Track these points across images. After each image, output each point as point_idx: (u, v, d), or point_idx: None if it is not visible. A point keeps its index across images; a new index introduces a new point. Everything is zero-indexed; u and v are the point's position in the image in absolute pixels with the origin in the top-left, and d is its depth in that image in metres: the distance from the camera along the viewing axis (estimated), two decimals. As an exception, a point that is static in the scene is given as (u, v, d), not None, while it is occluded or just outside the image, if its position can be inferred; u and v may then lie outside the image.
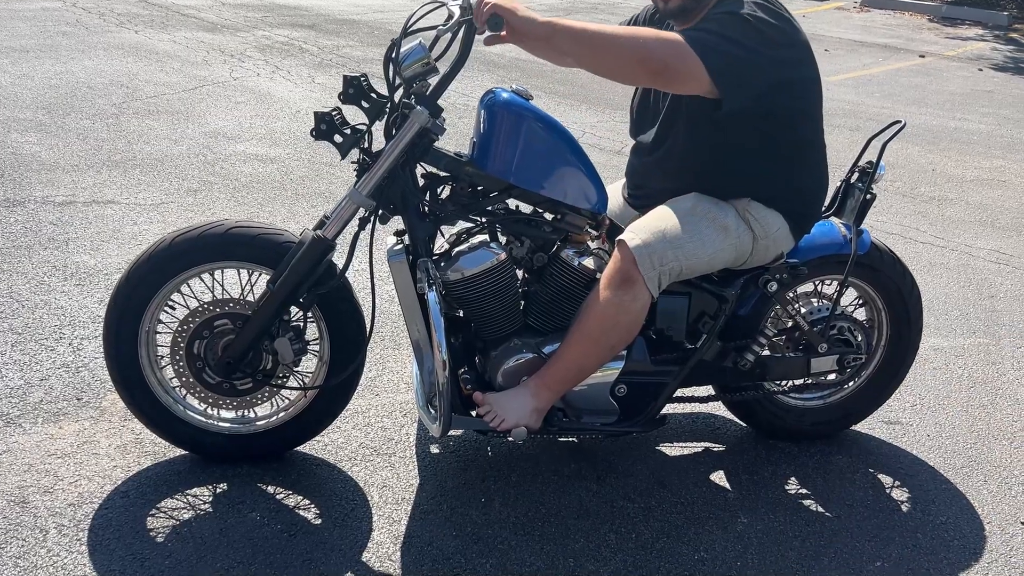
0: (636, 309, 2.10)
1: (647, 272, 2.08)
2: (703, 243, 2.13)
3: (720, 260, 2.20)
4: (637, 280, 2.08)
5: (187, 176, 4.44)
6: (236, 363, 2.14)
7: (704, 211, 2.18)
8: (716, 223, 2.17)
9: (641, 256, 2.08)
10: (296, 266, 2.07)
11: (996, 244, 4.52)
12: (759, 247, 2.22)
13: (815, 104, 2.22)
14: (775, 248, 2.25)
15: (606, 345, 2.13)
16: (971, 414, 2.91)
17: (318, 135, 2.06)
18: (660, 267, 2.09)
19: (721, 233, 2.16)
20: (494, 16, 1.92)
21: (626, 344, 2.17)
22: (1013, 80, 9.03)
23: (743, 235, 2.20)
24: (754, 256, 2.24)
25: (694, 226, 2.14)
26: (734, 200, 2.22)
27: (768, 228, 2.21)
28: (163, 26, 8.02)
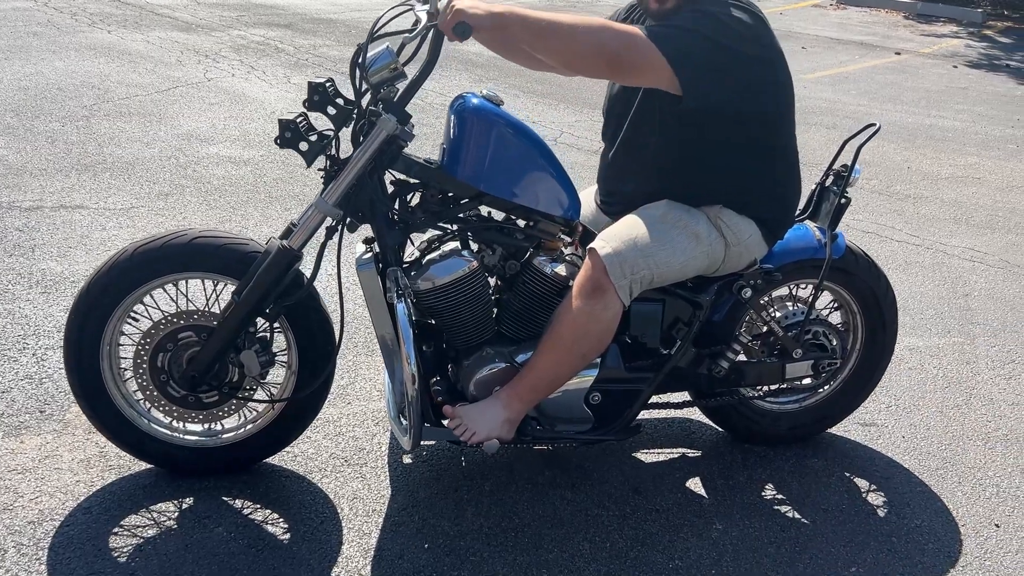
0: (607, 318, 2.08)
1: (618, 281, 2.06)
2: (674, 251, 2.11)
3: (692, 268, 2.18)
4: (608, 289, 2.06)
5: (158, 180, 4.37)
6: (201, 376, 2.10)
7: (675, 218, 2.16)
8: (687, 230, 2.15)
9: (612, 265, 2.06)
10: (262, 277, 2.03)
11: (970, 242, 4.54)
12: (731, 254, 2.21)
13: (786, 109, 2.20)
14: (748, 255, 2.24)
15: (578, 354, 2.11)
16: (946, 415, 2.91)
17: (283, 143, 2.02)
18: (631, 276, 2.07)
19: (693, 241, 2.14)
20: (460, 25, 1.88)
21: (598, 353, 2.15)
22: (987, 77, 9.10)
23: (715, 242, 2.18)
24: (727, 263, 2.22)
25: (665, 234, 2.12)
26: (706, 207, 2.20)
27: (740, 235, 2.20)
28: (137, 26, 7.91)
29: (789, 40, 10.04)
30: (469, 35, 1.89)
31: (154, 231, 3.76)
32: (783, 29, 10.71)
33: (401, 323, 1.99)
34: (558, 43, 1.95)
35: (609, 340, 2.13)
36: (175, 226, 3.83)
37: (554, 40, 1.94)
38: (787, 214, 2.29)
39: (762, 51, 2.06)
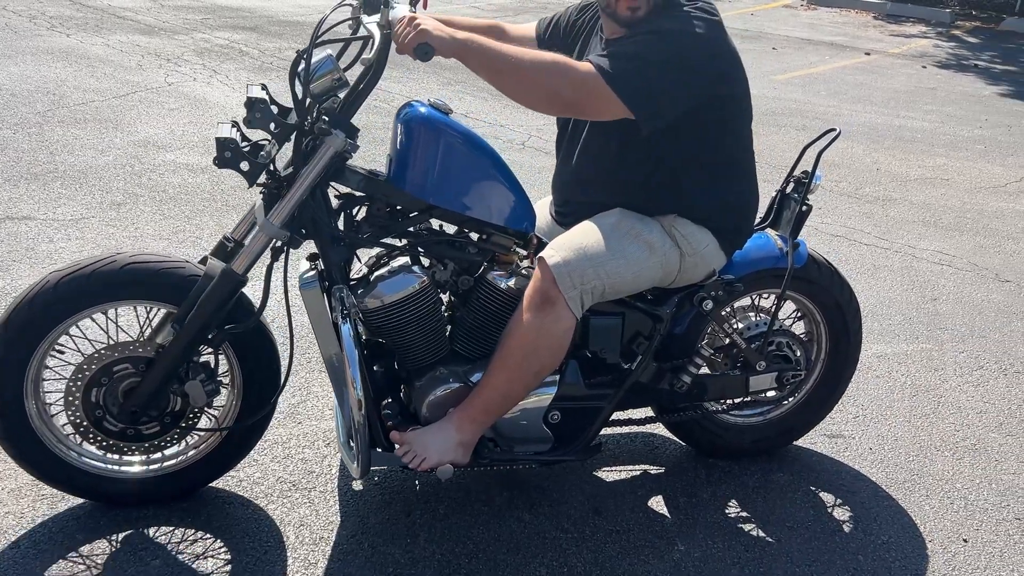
0: (559, 331, 2.00)
1: (567, 291, 1.99)
2: (627, 261, 2.04)
3: (647, 279, 2.11)
4: (557, 300, 1.98)
5: (111, 188, 4.24)
6: (142, 410, 1.99)
7: (628, 227, 2.09)
8: (640, 239, 2.08)
9: (561, 274, 1.98)
10: (205, 304, 1.93)
11: (939, 244, 4.52)
12: (687, 264, 2.14)
13: (743, 120, 2.14)
14: (705, 265, 2.17)
15: (530, 371, 2.03)
16: (914, 424, 2.86)
17: (222, 163, 1.91)
18: (581, 286, 2.00)
19: (645, 250, 2.08)
20: (423, 46, 1.80)
21: (552, 368, 2.07)
22: (955, 77, 9.15)
23: (669, 252, 2.11)
24: (683, 274, 2.16)
25: (617, 243, 2.05)
26: (660, 216, 2.14)
27: (696, 245, 2.13)
28: (97, 29, 7.74)
29: (760, 41, 10.05)
30: (431, 57, 1.81)
31: (104, 243, 3.64)
32: (754, 30, 10.72)
33: (346, 345, 1.90)
34: (514, 83, 1.90)
35: (562, 355, 2.05)
36: (126, 237, 3.71)
37: (510, 80, 1.90)
38: (745, 223, 2.23)
39: (720, 66, 2.00)
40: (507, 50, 1.90)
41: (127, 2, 9.09)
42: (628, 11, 2.01)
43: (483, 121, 5.92)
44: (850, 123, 6.83)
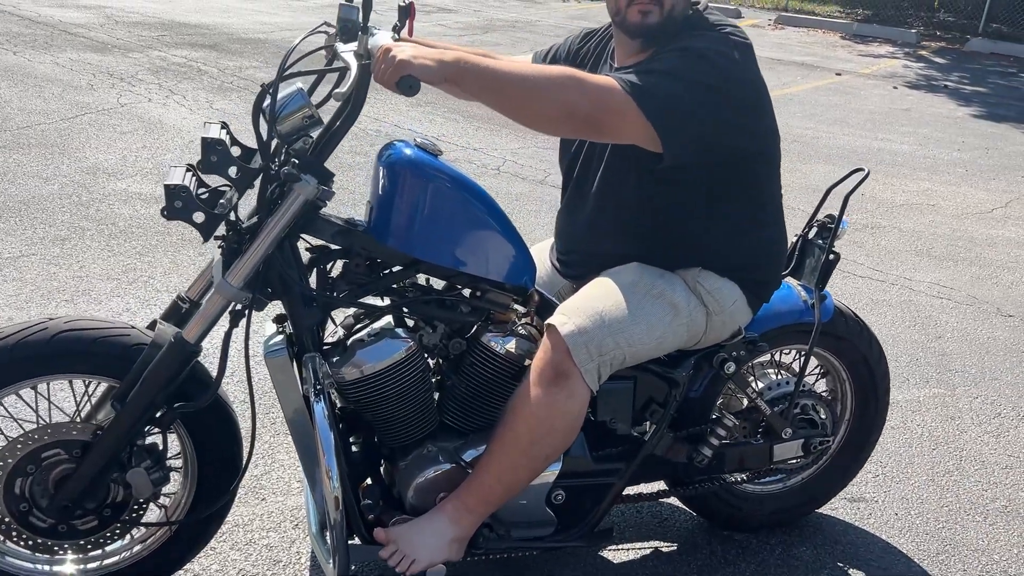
0: (573, 409, 1.74)
1: (584, 364, 1.72)
2: (649, 326, 1.79)
3: (670, 343, 1.86)
4: (572, 374, 1.72)
5: (55, 221, 3.89)
6: (76, 504, 1.68)
7: (648, 286, 1.83)
8: (663, 300, 1.82)
9: (576, 345, 1.72)
10: (151, 379, 1.63)
11: (935, 276, 4.35)
12: (714, 324, 1.89)
13: (772, 156, 1.90)
14: (732, 323, 1.92)
15: (539, 455, 1.76)
16: (938, 483, 2.64)
17: (171, 214, 1.61)
18: (599, 357, 1.74)
19: (670, 312, 1.82)
20: (406, 79, 1.51)
21: (562, 451, 1.80)
22: (927, 98, 9.11)
23: (695, 312, 1.86)
24: (709, 335, 1.91)
25: (638, 305, 1.79)
26: (682, 270, 1.88)
27: (723, 302, 1.88)
28: (46, 47, 7.35)
29: (731, 61, 9.95)
30: (417, 90, 1.52)
31: (44, 285, 3.29)
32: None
33: (320, 429, 1.61)
34: (519, 101, 1.61)
35: (575, 436, 1.78)
36: (69, 278, 3.36)
37: (516, 97, 1.61)
38: (774, 274, 1.99)
39: (750, 93, 1.76)
40: (507, 65, 1.64)
41: (79, 18, 8.70)
42: (639, 16, 1.78)
43: (455, 144, 5.66)
44: (829, 146, 6.70)
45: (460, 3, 12.33)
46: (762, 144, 1.84)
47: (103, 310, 3.16)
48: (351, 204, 4.38)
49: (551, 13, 12.46)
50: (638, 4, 1.77)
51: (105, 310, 3.17)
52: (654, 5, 1.77)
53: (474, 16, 11.29)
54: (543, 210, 4.63)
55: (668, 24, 1.79)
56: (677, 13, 1.79)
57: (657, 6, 1.77)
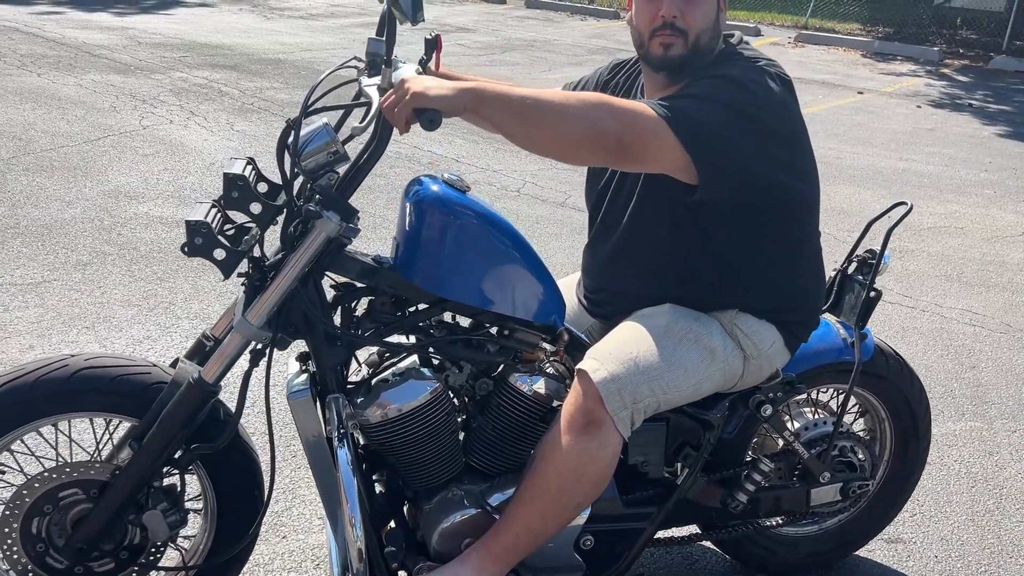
0: (605, 457, 1.67)
1: (617, 412, 1.66)
2: (686, 372, 1.72)
3: (707, 388, 1.79)
4: (605, 422, 1.66)
5: (77, 246, 3.89)
6: (92, 546, 1.64)
7: (684, 330, 1.77)
8: (700, 345, 1.76)
9: (609, 393, 1.65)
10: (169, 419, 1.59)
11: (967, 303, 4.25)
12: (751, 368, 1.83)
13: (812, 192, 1.84)
14: (769, 367, 1.86)
15: (569, 504, 1.69)
16: (977, 523, 2.55)
17: (191, 251, 1.58)
18: (633, 405, 1.67)
19: (707, 357, 1.76)
20: (425, 112, 1.44)
21: (594, 499, 1.74)
22: (952, 117, 9.00)
23: (732, 356, 1.79)
24: (746, 378, 1.84)
25: (673, 350, 1.73)
26: (718, 312, 1.82)
27: (761, 345, 1.82)
28: (70, 68, 7.42)
29: (752, 80, 9.89)
30: (438, 124, 1.45)
31: (65, 311, 3.27)
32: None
33: (343, 475, 1.56)
34: (547, 128, 1.53)
35: (606, 483, 1.72)
36: (90, 304, 3.34)
37: (542, 125, 1.52)
38: (812, 315, 1.92)
39: (788, 124, 1.70)
40: (531, 91, 1.56)
41: (103, 39, 8.79)
42: (661, 48, 1.72)
43: (475, 166, 5.63)
44: (854, 166, 6.61)
45: (479, 23, 12.37)
46: (799, 181, 1.77)
47: (123, 337, 3.14)
48: (371, 227, 4.35)
49: (569, 32, 12.45)
50: (660, 36, 1.71)
51: (125, 337, 3.14)
52: (677, 37, 1.70)
53: (493, 36, 11.31)
54: (564, 233, 4.58)
55: (693, 57, 1.72)
56: (704, 45, 1.72)
57: (681, 38, 1.70)
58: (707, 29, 1.72)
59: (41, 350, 3.01)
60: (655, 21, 1.70)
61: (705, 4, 1.71)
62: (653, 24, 1.71)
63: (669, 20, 1.69)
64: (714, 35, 1.75)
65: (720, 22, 1.76)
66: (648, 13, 1.72)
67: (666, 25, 1.69)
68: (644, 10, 1.73)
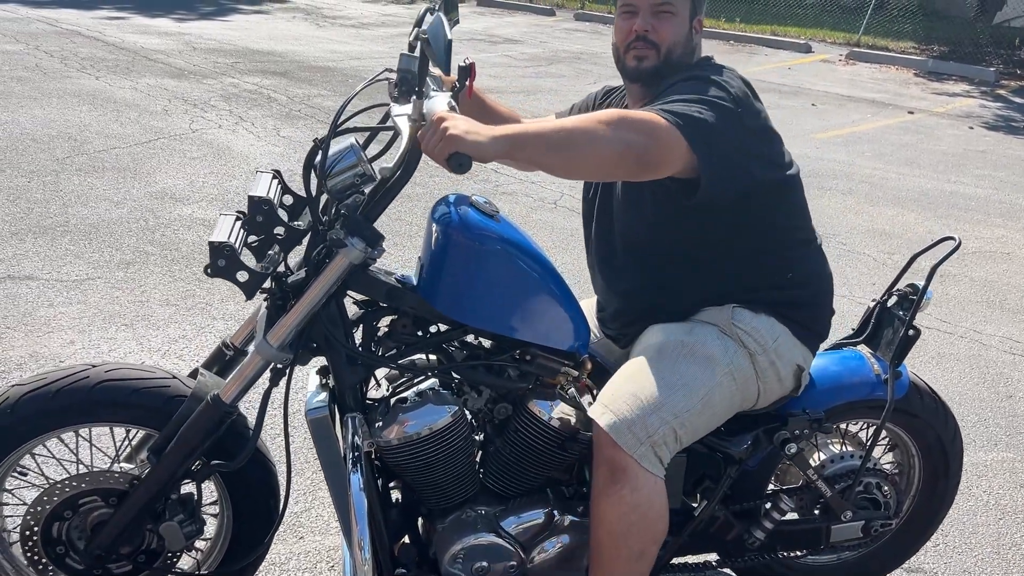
0: (642, 500, 1.67)
1: (634, 450, 1.66)
2: (688, 389, 1.72)
3: (721, 401, 1.77)
4: (628, 465, 1.66)
5: (122, 245, 4.00)
6: (109, 553, 1.69)
7: (676, 348, 1.77)
8: (696, 356, 1.75)
9: (620, 434, 1.67)
10: (186, 435, 1.63)
11: (1007, 330, 4.15)
12: (763, 366, 1.80)
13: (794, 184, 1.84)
14: (786, 363, 1.83)
15: (631, 556, 1.69)
16: (1004, 556, 2.49)
17: (214, 272, 1.61)
18: (649, 439, 1.67)
19: (706, 367, 1.75)
20: (456, 156, 1.45)
21: (658, 541, 1.73)
22: (1005, 140, 8.78)
23: (736, 358, 1.78)
24: (765, 382, 1.81)
25: (669, 371, 1.73)
26: (714, 312, 1.83)
27: (764, 339, 1.80)
28: (127, 72, 7.63)
29: (799, 97, 9.77)
30: (468, 168, 1.46)
31: (107, 309, 3.37)
32: (792, 84, 10.45)
33: (355, 498, 1.57)
34: (582, 154, 1.56)
35: (661, 523, 1.71)
36: (131, 303, 3.44)
37: (576, 151, 1.55)
38: (817, 302, 1.90)
39: (761, 120, 1.76)
40: (555, 123, 1.61)
41: (160, 44, 9.02)
42: (635, 61, 1.81)
43: (512, 178, 5.65)
44: (899, 187, 6.49)
45: (526, 34, 12.42)
46: (778, 171, 1.79)
47: (160, 336, 3.22)
48: (407, 235, 4.40)
49: (617, 43, 12.45)
50: (634, 49, 1.81)
51: (162, 336, 3.23)
52: (649, 49, 1.80)
53: (540, 47, 11.35)
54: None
55: (666, 69, 1.81)
56: (676, 58, 1.82)
57: (653, 50, 1.80)
58: (679, 44, 1.80)
59: (81, 345, 3.10)
60: (629, 36, 1.81)
61: (676, 20, 1.81)
62: (628, 39, 1.81)
63: (642, 33, 1.79)
64: (686, 50, 1.84)
65: (694, 40, 1.85)
66: (624, 29, 1.83)
67: (639, 38, 1.79)
68: (621, 26, 1.84)
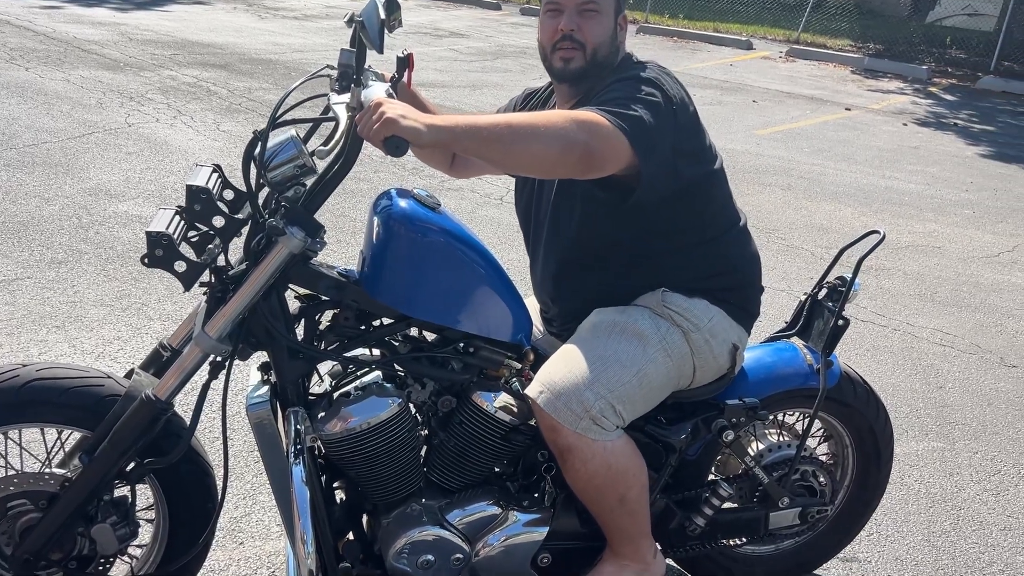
0: (600, 466, 1.73)
1: (576, 424, 1.70)
2: (621, 364, 1.75)
3: (658, 378, 1.81)
4: (571, 441, 1.71)
5: (53, 244, 3.88)
6: (38, 558, 1.64)
7: (608, 326, 1.81)
8: (626, 333, 1.79)
9: (558, 412, 1.70)
10: (119, 434, 1.59)
11: (938, 322, 4.30)
12: (698, 343, 1.84)
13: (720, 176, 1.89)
14: (721, 341, 1.87)
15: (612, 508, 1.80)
16: (934, 544, 2.58)
17: (152, 262, 1.59)
18: (588, 413, 1.71)
19: (637, 343, 1.78)
20: (393, 139, 1.45)
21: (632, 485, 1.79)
22: (936, 136, 9.07)
23: (669, 335, 1.82)
24: (700, 359, 1.86)
25: (603, 349, 1.77)
26: (647, 296, 1.87)
27: (697, 318, 1.85)
28: (59, 63, 7.39)
29: (740, 93, 9.95)
30: (405, 151, 1.47)
31: (37, 310, 3.27)
32: (734, 81, 10.63)
33: (297, 492, 1.56)
34: (521, 149, 1.55)
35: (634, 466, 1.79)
36: (62, 303, 3.34)
37: (515, 146, 1.55)
38: (747, 282, 1.95)
39: (692, 116, 1.79)
40: (498, 118, 1.60)
41: (94, 35, 8.76)
42: (562, 62, 1.82)
43: (461, 173, 5.64)
44: (836, 183, 6.66)
45: (472, 28, 12.39)
46: (706, 165, 1.84)
47: (93, 338, 3.14)
48: (352, 232, 4.36)
49: (562, 39, 12.51)
50: (560, 49, 1.82)
51: (95, 338, 3.14)
52: (576, 49, 1.81)
53: (486, 42, 11.34)
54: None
55: (592, 68, 1.82)
56: (602, 58, 1.83)
57: (580, 50, 1.81)
58: (604, 43, 1.82)
59: (10, 348, 3.00)
60: (556, 35, 1.82)
61: (602, 19, 1.82)
62: (554, 38, 1.82)
63: (567, 33, 1.80)
64: (612, 49, 1.85)
65: (619, 39, 1.87)
66: (550, 28, 1.84)
67: (565, 38, 1.80)
68: (546, 26, 1.85)
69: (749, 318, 1.96)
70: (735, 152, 7.01)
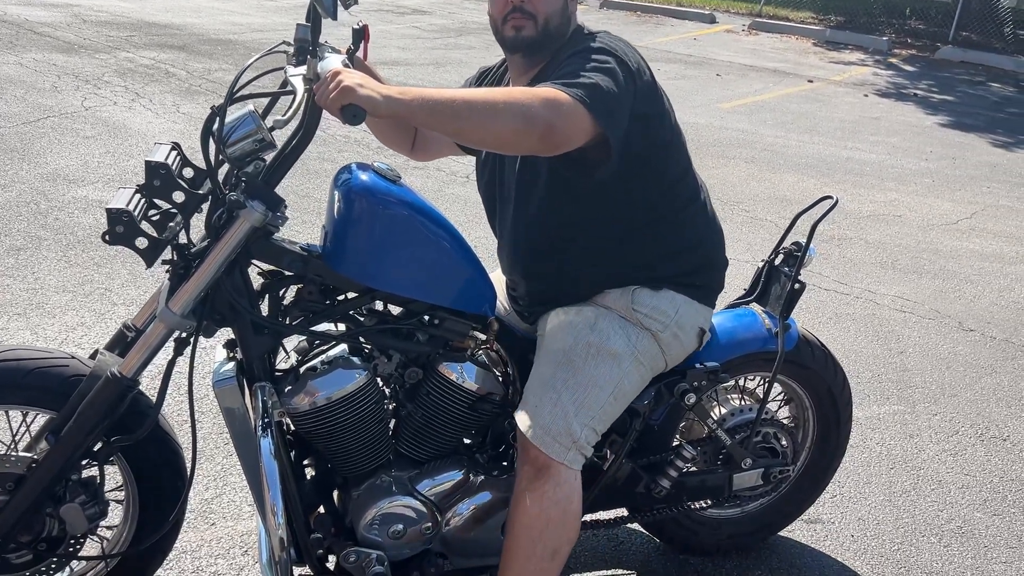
0: (564, 495, 1.75)
1: (562, 456, 1.75)
2: (599, 388, 1.80)
3: (632, 386, 1.86)
4: (552, 465, 1.74)
5: (11, 230, 3.81)
6: (7, 539, 1.63)
7: (583, 349, 1.82)
8: (601, 355, 1.82)
9: (548, 445, 1.74)
10: (86, 413, 1.59)
11: (899, 289, 4.38)
12: (667, 340, 1.88)
13: (682, 148, 1.89)
14: (689, 330, 1.91)
15: (545, 553, 1.75)
16: (895, 504, 2.65)
17: (113, 239, 1.58)
18: (575, 444, 1.77)
19: (612, 364, 1.82)
20: (350, 107, 1.45)
21: (570, 543, 1.79)
22: (897, 106, 9.20)
23: (640, 343, 1.85)
24: (670, 351, 1.90)
25: (582, 375, 1.79)
26: (615, 297, 1.88)
27: (665, 316, 1.87)
28: (11, 46, 7.21)
29: (704, 67, 9.99)
30: (362, 120, 1.48)
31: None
32: (698, 55, 10.67)
33: (266, 465, 1.57)
34: (479, 124, 1.55)
35: (575, 520, 1.78)
36: (23, 290, 3.29)
37: (473, 121, 1.55)
38: (710, 256, 1.97)
39: (652, 86, 1.78)
40: (456, 92, 1.60)
41: (46, 16, 8.55)
42: (513, 31, 1.81)
43: (426, 152, 5.62)
44: (799, 155, 6.73)
45: (435, 5, 12.28)
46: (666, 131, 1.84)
47: (56, 324, 3.10)
48: (317, 213, 4.34)
49: (526, 16, 12.44)
50: (511, 20, 1.80)
51: (59, 324, 3.10)
52: (527, 20, 1.80)
53: (448, 19, 11.25)
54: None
55: (545, 39, 1.81)
56: (553, 28, 1.81)
57: (530, 20, 1.80)
58: (555, 13, 1.80)
59: (-28, 336, 2.96)
60: (506, 7, 1.80)
61: None
62: (504, 10, 1.80)
63: (518, 4, 1.78)
64: (563, 19, 1.83)
65: (570, 8, 1.85)
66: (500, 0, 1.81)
67: (516, 9, 1.79)
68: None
69: (714, 294, 1.99)
70: (699, 126, 7.05)
